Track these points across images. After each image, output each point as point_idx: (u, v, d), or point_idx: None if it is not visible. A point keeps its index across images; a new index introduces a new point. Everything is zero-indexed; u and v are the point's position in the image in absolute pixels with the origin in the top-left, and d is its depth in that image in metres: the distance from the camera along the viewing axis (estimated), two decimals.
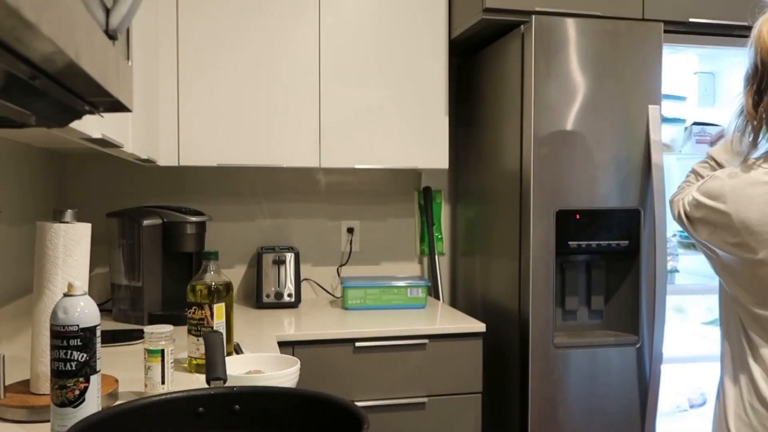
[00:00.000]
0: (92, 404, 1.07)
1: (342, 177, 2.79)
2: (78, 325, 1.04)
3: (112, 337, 1.91)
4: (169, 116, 2.29)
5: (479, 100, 2.55)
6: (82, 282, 1.14)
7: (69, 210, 1.27)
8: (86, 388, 1.06)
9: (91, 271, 2.45)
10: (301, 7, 2.38)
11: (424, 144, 2.48)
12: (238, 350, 1.76)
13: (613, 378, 2.16)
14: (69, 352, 1.04)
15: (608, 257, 2.24)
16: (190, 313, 1.60)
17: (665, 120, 2.38)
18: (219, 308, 1.59)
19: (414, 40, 2.47)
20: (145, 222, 2.18)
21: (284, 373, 1.37)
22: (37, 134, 1.63)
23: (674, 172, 2.80)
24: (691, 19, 2.26)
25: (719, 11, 2.29)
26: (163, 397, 0.96)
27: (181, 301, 1.73)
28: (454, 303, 2.84)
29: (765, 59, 1.25)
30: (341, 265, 2.79)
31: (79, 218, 1.29)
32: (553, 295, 2.11)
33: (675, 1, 2.26)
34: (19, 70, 0.45)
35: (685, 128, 2.58)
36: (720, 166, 1.49)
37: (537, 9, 2.15)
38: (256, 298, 2.50)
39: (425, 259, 2.86)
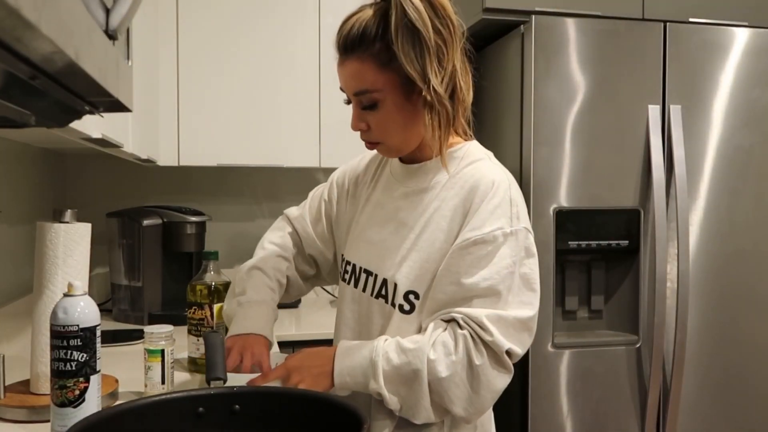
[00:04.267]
0: (92, 404, 1.07)
1: None
2: (78, 325, 1.04)
3: (112, 337, 1.92)
4: (169, 116, 2.29)
5: (479, 100, 2.54)
6: (82, 282, 1.14)
7: (69, 210, 1.27)
8: (86, 388, 1.06)
9: (91, 271, 2.45)
10: (301, 7, 2.38)
11: None
12: None
13: (612, 378, 2.16)
14: (69, 352, 1.04)
15: (608, 257, 2.24)
16: (190, 313, 1.60)
17: None
18: (219, 308, 1.59)
19: None
20: (145, 222, 2.18)
21: None
22: (37, 134, 1.63)
23: None
24: (691, 19, 2.26)
25: (719, 11, 2.29)
26: (163, 397, 0.96)
27: (181, 301, 1.73)
28: None
29: None
30: None
31: (79, 218, 1.29)
32: (553, 294, 2.11)
33: (675, 1, 2.26)
34: (19, 70, 0.45)
35: None
36: None
37: (537, 9, 2.15)
38: None
39: None
